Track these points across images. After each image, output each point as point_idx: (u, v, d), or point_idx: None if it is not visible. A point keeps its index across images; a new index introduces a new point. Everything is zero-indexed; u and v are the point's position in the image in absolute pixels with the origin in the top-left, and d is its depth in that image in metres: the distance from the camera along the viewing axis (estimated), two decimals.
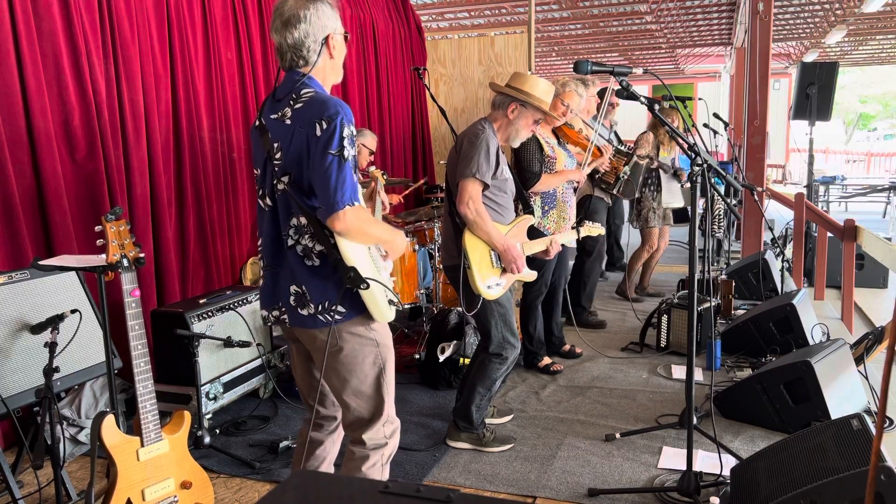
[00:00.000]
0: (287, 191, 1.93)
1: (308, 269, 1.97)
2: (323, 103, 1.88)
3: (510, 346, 3.09)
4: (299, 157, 1.90)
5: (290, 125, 1.91)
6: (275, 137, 1.94)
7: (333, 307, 1.96)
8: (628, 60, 15.52)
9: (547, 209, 3.82)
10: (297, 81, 1.95)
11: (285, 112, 1.93)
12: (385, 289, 2.02)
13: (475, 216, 2.87)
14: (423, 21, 8.59)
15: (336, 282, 1.96)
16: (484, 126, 2.98)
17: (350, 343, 2.01)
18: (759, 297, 5.08)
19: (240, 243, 4.41)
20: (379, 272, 2.06)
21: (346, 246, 1.92)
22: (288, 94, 1.94)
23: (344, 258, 1.91)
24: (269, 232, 2.04)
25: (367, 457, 2.09)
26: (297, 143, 1.89)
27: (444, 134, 7.01)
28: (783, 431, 3.13)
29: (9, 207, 2.98)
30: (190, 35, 3.94)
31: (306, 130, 1.87)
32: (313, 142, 1.86)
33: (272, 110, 1.97)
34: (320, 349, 2.01)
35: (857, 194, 12.05)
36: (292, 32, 1.93)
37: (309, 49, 1.95)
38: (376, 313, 2.00)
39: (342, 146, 1.84)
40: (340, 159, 1.84)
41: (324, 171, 1.84)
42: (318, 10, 1.94)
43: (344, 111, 1.87)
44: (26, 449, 2.55)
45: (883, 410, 1.14)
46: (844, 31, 11.05)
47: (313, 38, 1.95)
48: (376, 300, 1.98)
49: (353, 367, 2.03)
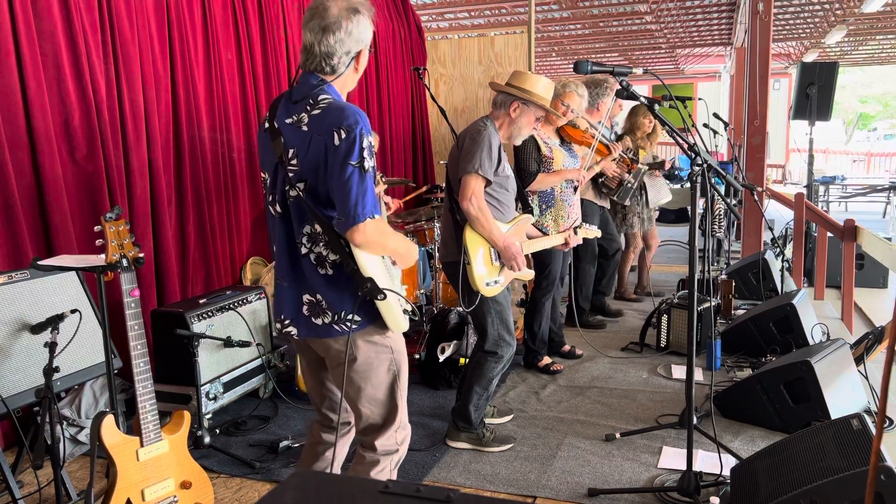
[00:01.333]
0: (301, 198, 1.89)
1: (322, 278, 1.93)
2: (342, 111, 1.84)
3: (506, 344, 3.09)
4: (317, 165, 1.85)
5: (307, 132, 1.86)
6: (290, 143, 1.89)
7: (349, 316, 1.92)
8: (628, 60, 15.51)
9: (545, 208, 3.83)
10: (316, 87, 1.90)
11: (301, 118, 1.88)
12: (400, 298, 1.98)
13: (477, 212, 2.87)
14: (423, 21, 8.59)
15: (351, 291, 1.92)
16: (486, 123, 2.99)
17: (365, 351, 1.98)
18: (759, 297, 5.08)
19: (240, 243, 4.41)
20: (393, 281, 2.02)
21: (361, 255, 1.88)
22: (304, 97, 1.89)
23: (360, 268, 1.88)
24: (280, 239, 1.98)
25: (377, 462, 2.07)
26: (315, 151, 1.84)
27: (444, 134, 7.00)
28: (783, 431, 3.13)
29: (9, 207, 2.98)
30: (190, 35, 3.94)
31: (324, 138, 1.82)
32: (332, 151, 1.81)
33: (287, 113, 1.92)
34: (335, 358, 1.99)
35: (857, 194, 12.04)
36: (328, 39, 1.87)
37: (339, 60, 1.91)
38: (392, 323, 1.97)
39: (362, 157, 1.81)
40: (361, 171, 1.80)
41: (344, 183, 1.79)
42: (359, 24, 1.90)
43: (363, 121, 1.83)
44: (26, 449, 2.55)
45: (883, 410, 1.14)
46: (844, 31, 11.04)
47: (346, 49, 1.90)
48: (392, 310, 1.95)
49: (368, 375, 2.01)
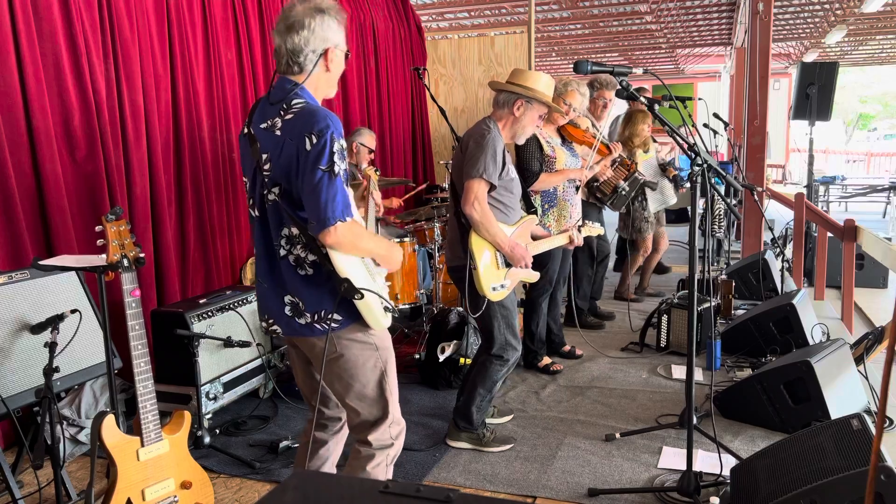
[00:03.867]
0: (277, 202, 1.92)
1: (301, 279, 1.96)
2: (313, 115, 1.87)
3: (512, 348, 3.09)
4: (289, 169, 1.89)
5: (280, 136, 1.90)
6: (264, 148, 1.93)
7: (329, 315, 1.95)
8: (628, 60, 15.51)
9: (547, 207, 3.83)
10: (290, 91, 1.94)
11: (275, 122, 1.92)
12: (380, 297, 2.00)
13: (480, 216, 2.86)
14: (423, 21, 8.59)
15: (331, 290, 1.95)
16: (489, 126, 2.97)
17: (350, 349, 2.01)
18: (759, 297, 5.08)
19: (240, 243, 4.41)
20: (374, 279, 2.04)
21: (337, 256, 1.90)
22: (279, 101, 1.93)
23: (336, 269, 1.90)
24: (260, 242, 2.03)
25: (372, 456, 2.09)
26: (287, 155, 1.88)
27: (444, 134, 7.00)
28: (783, 431, 3.13)
29: (9, 207, 2.98)
30: (190, 35, 3.94)
31: (296, 143, 1.86)
32: (303, 156, 1.85)
33: (262, 118, 1.96)
34: (321, 356, 2.00)
35: (857, 194, 12.04)
36: (293, 37, 1.93)
37: (306, 57, 1.95)
38: (372, 322, 1.99)
39: (332, 161, 1.83)
40: (331, 174, 1.83)
41: (314, 187, 1.83)
42: (323, 22, 1.94)
43: (334, 125, 1.86)
44: (26, 449, 2.55)
45: (883, 410, 1.15)
46: (844, 31, 11.04)
47: (312, 47, 1.94)
48: (371, 309, 1.97)
49: (354, 373, 2.03)
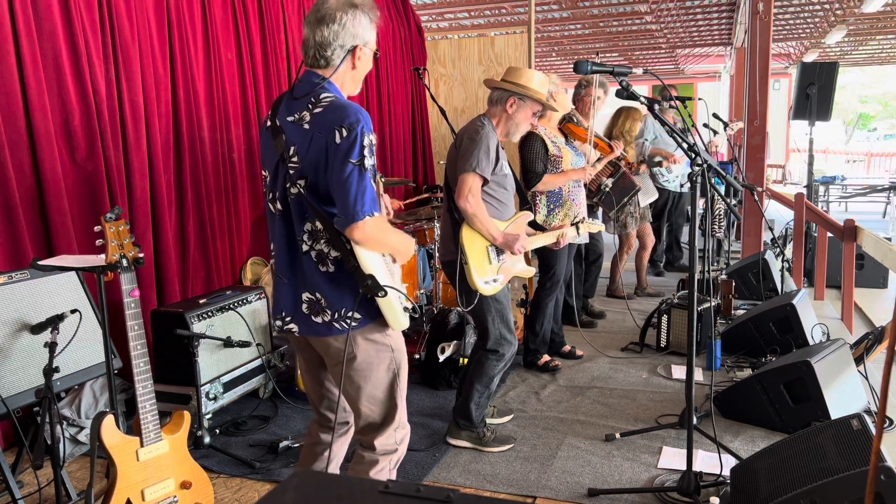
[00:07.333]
0: (302, 195, 1.90)
1: (323, 276, 1.94)
2: (343, 109, 1.86)
3: (507, 343, 3.09)
4: (317, 162, 1.87)
5: (309, 129, 1.88)
6: (291, 140, 1.91)
7: (349, 314, 1.93)
8: (628, 60, 15.51)
9: (553, 208, 3.83)
10: (317, 84, 1.93)
11: (303, 116, 1.90)
12: (401, 295, 1.98)
13: (474, 209, 2.88)
14: (423, 21, 8.59)
15: (352, 288, 1.92)
16: (483, 122, 3.00)
17: (365, 349, 1.98)
18: (759, 297, 5.08)
19: (240, 243, 4.41)
20: (393, 278, 2.02)
21: (361, 252, 1.89)
22: (306, 95, 1.92)
23: (361, 265, 1.88)
24: (281, 237, 1.99)
25: (376, 461, 2.07)
26: (316, 149, 1.86)
27: (444, 134, 7.00)
28: (783, 431, 3.13)
29: (9, 207, 2.98)
30: (190, 35, 3.94)
31: (326, 136, 1.84)
32: (332, 149, 1.83)
33: (288, 111, 1.94)
34: (335, 357, 1.98)
35: (857, 194, 12.04)
36: (322, 30, 1.91)
37: (333, 52, 1.93)
38: (392, 321, 1.97)
39: (363, 155, 1.82)
40: (361, 168, 1.82)
41: (343, 181, 1.81)
42: (355, 18, 1.93)
43: (365, 119, 1.85)
44: (26, 449, 2.55)
45: (883, 410, 1.14)
46: (844, 31, 11.03)
47: (341, 42, 1.93)
48: (393, 307, 1.95)
49: (367, 374, 2.01)
